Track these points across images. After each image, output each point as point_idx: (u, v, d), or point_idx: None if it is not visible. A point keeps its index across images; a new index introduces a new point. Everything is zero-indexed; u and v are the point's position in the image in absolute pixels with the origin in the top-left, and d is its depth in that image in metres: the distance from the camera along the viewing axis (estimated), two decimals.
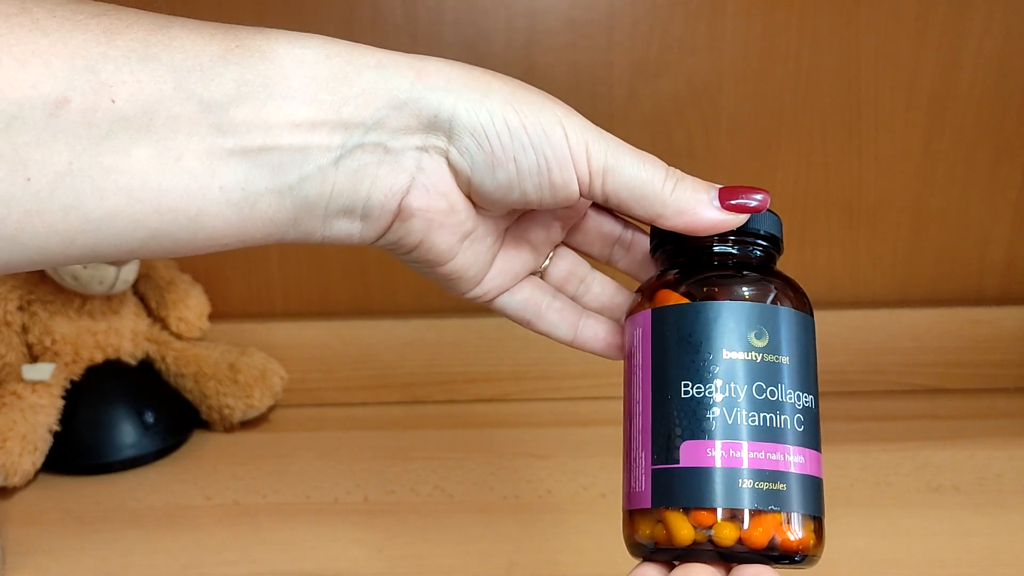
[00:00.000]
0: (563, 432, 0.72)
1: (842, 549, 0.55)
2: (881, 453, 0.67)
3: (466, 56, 0.75)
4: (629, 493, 0.33)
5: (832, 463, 0.65)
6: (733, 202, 0.33)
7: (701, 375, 0.31)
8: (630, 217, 0.34)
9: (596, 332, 0.38)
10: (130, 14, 0.28)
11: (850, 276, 0.81)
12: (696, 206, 0.32)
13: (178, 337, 0.75)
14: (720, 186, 0.33)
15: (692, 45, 0.75)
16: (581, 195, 0.33)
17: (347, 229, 0.32)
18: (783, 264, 0.36)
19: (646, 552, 0.32)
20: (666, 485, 0.31)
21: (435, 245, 0.33)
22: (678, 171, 0.33)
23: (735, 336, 0.31)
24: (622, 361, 0.36)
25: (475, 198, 0.33)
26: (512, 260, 0.36)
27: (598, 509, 0.60)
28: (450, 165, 0.32)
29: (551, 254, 0.38)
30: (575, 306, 0.38)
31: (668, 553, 0.31)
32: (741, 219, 0.33)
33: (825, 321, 0.78)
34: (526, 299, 0.37)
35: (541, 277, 0.38)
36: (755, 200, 0.33)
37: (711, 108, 0.76)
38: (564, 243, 0.38)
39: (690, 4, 0.74)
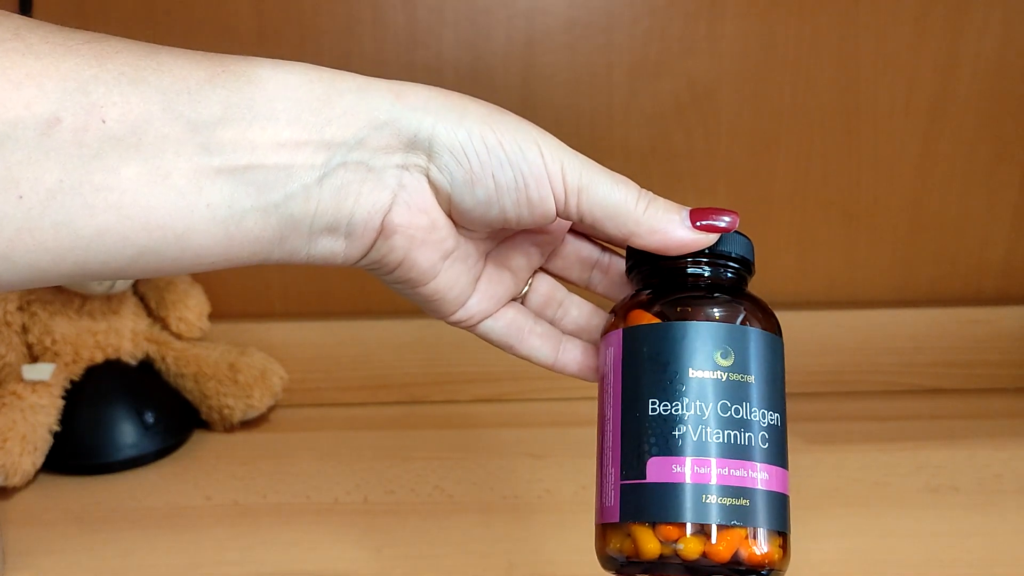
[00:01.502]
0: (562, 432, 0.72)
1: (841, 549, 0.55)
2: (880, 453, 0.67)
3: (465, 56, 0.76)
4: (600, 507, 0.34)
5: (831, 463, 0.66)
6: (703, 223, 0.34)
7: (668, 393, 0.32)
8: (604, 236, 0.35)
9: (575, 355, 0.39)
10: (119, 41, 0.29)
11: (849, 276, 0.81)
12: (667, 225, 0.33)
13: (178, 337, 0.75)
14: (691, 208, 0.34)
15: (692, 45, 0.75)
16: (557, 214, 0.33)
17: (331, 247, 0.33)
18: (782, 264, 0.36)
19: (616, 566, 0.33)
20: (634, 500, 0.32)
21: (417, 263, 0.34)
22: (650, 192, 0.34)
23: (701, 355, 0.32)
24: None
25: (456, 216, 0.34)
26: (495, 285, 0.37)
27: None
28: (430, 183, 0.33)
29: (530, 280, 0.39)
30: (555, 330, 0.39)
31: (637, 567, 0.32)
32: (711, 239, 0.34)
33: (824, 321, 0.79)
34: (509, 324, 0.38)
35: (521, 303, 0.39)
36: (723, 221, 0.34)
37: (710, 108, 0.76)
38: (543, 269, 0.39)
39: (690, 4, 0.74)
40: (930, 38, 0.74)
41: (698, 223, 0.34)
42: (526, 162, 0.32)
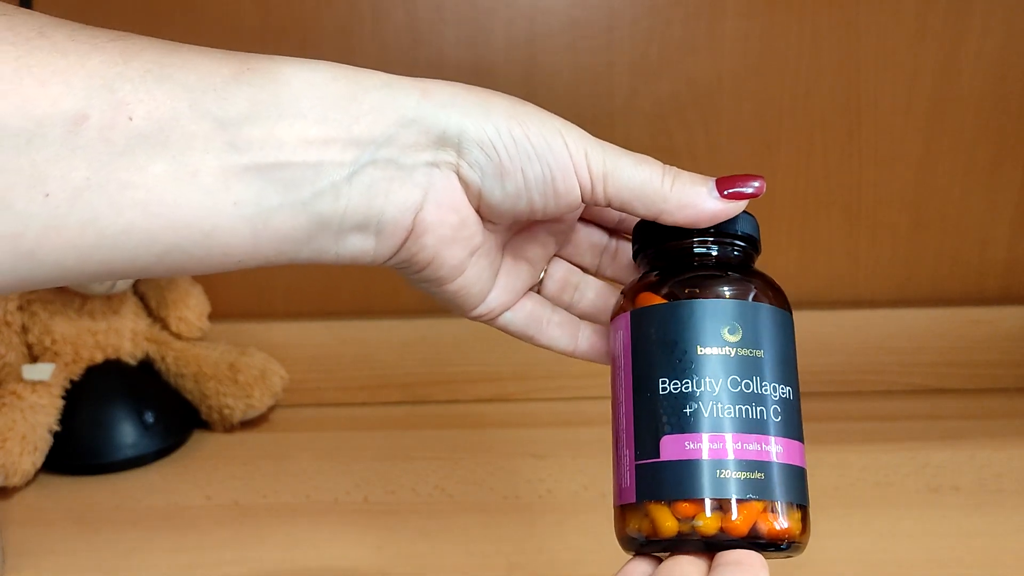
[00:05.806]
0: (563, 432, 0.72)
1: (842, 549, 0.55)
2: (881, 453, 0.67)
3: (467, 55, 0.76)
4: (617, 490, 0.34)
5: (832, 463, 0.66)
6: (731, 191, 0.34)
7: (678, 371, 0.32)
8: (634, 216, 0.35)
9: (593, 341, 0.39)
10: (143, 39, 0.29)
11: (850, 276, 0.81)
12: (696, 199, 0.33)
13: (178, 337, 0.75)
14: (716, 177, 0.34)
15: (692, 45, 0.75)
16: (584, 201, 0.34)
17: (361, 246, 0.32)
18: (782, 264, 0.37)
19: (636, 546, 0.33)
20: (649, 479, 0.32)
21: (446, 261, 0.34)
22: (674, 168, 0.34)
23: (709, 332, 0.32)
24: None
25: (484, 210, 0.34)
26: (513, 277, 0.37)
27: (598, 509, 0.60)
28: (461, 179, 0.33)
29: (546, 268, 0.39)
30: (573, 318, 0.40)
31: (657, 545, 0.32)
32: (740, 206, 0.34)
33: (825, 321, 0.79)
34: (528, 314, 0.38)
35: (538, 291, 0.39)
36: (751, 187, 0.34)
37: (711, 108, 0.76)
38: (556, 255, 0.40)
39: (690, 4, 0.74)
40: (931, 37, 0.74)
41: (726, 192, 0.34)
42: (552, 154, 0.32)
